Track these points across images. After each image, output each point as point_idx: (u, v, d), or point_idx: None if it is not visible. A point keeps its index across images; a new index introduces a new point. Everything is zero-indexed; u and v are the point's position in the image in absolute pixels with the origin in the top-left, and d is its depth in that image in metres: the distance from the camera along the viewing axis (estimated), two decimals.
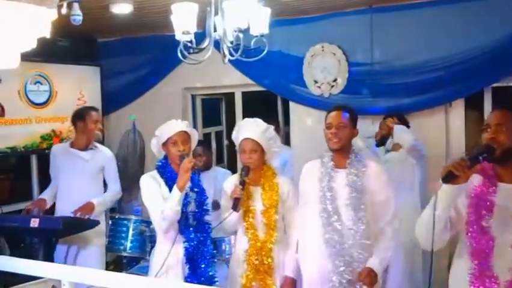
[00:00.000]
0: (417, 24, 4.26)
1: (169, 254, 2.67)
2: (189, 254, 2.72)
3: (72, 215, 3.58)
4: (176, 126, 2.82)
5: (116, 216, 4.40)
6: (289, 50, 4.73)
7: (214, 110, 5.96)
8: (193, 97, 5.65)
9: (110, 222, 4.25)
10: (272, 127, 2.92)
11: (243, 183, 2.74)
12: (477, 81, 4.15)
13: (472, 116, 4.64)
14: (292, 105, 4.98)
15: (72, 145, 3.85)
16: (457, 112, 4.36)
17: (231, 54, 2.84)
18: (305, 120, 4.85)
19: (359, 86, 4.53)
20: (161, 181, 2.77)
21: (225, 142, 6.01)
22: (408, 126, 4.03)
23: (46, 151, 4.31)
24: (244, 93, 5.38)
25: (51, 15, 1.49)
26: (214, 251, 3.09)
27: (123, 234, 4.28)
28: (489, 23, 3.99)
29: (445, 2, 4.15)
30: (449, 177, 1.92)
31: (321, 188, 2.65)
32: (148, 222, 4.35)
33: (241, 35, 2.73)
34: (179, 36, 2.70)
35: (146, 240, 4.22)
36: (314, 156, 2.89)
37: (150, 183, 2.78)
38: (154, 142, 2.87)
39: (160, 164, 2.84)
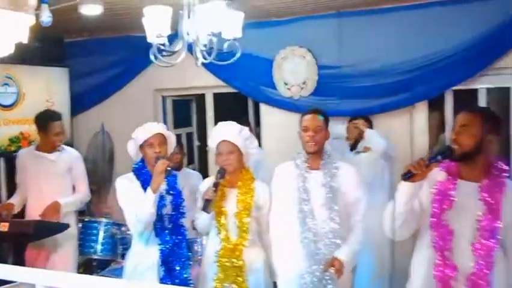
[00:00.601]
0: (384, 29, 4.38)
1: (142, 256, 2.68)
2: (164, 257, 2.74)
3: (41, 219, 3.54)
4: (152, 128, 2.84)
5: (86, 219, 4.37)
6: (260, 53, 4.77)
7: (184, 111, 5.96)
8: (164, 98, 5.64)
9: (80, 225, 4.21)
10: (247, 128, 2.96)
11: (216, 185, 2.76)
12: (440, 84, 4.29)
13: (434, 117, 4.81)
14: (263, 107, 5.04)
15: (37, 148, 3.80)
16: (421, 113, 4.50)
17: (204, 58, 2.87)
18: (276, 122, 4.91)
19: (328, 88, 4.62)
20: (137, 183, 2.79)
21: (196, 143, 6.02)
22: (371, 128, 4.13)
23: (14, 154, 4.23)
24: (215, 95, 5.40)
25: (29, 20, 1.49)
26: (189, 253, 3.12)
27: (93, 237, 4.26)
28: (452, 27, 4.14)
29: (410, 7, 4.28)
30: (408, 175, 2.08)
31: (296, 189, 2.72)
32: (119, 225, 4.34)
33: (214, 39, 2.77)
34: (152, 39, 2.71)
35: (118, 243, 4.20)
36: (285, 157, 2.94)
37: (126, 186, 2.79)
38: (131, 144, 2.87)
39: (136, 166, 2.85)
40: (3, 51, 1.53)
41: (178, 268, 2.76)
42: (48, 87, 5.11)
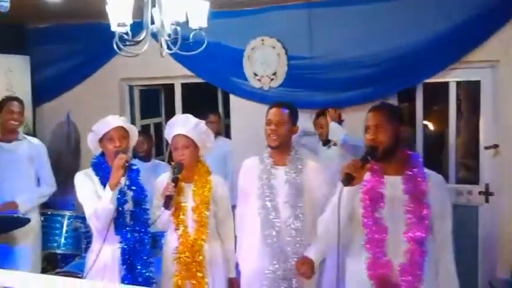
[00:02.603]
0: (355, 20, 4.33)
1: (99, 254, 2.57)
2: (125, 255, 2.65)
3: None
4: (113, 121, 2.73)
5: (49, 212, 4.25)
6: (230, 42, 4.68)
7: (153, 101, 5.82)
8: (131, 88, 5.50)
9: (42, 218, 4.09)
10: (203, 122, 2.88)
11: (175, 180, 2.66)
12: (411, 77, 4.29)
13: (405, 110, 4.82)
14: (232, 98, 4.95)
15: None
16: None
17: (169, 48, 2.78)
18: (245, 113, 4.84)
19: (298, 80, 4.56)
20: (96, 179, 2.69)
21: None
22: (341, 121, 4.09)
23: None
24: (184, 84, 5.30)
25: None
26: (154, 249, 3.03)
27: (57, 231, 4.15)
28: (423, 20, 4.12)
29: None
30: (349, 180, 2.08)
31: (260, 185, 2.67)
32: (83, 218, 4.21)
33: (179, 28, 2.67)
34: (114, 27, 2.61)
35: (81, 237, 4.10)
36: (254, 149, 2.88)
37: (84, 181, 2.69)
38: (91, 138, 2.76)
39: (95, 160, 2.75)
40: None
41: (139, 267, 2.66)
42: (8, 76, 4.89)
